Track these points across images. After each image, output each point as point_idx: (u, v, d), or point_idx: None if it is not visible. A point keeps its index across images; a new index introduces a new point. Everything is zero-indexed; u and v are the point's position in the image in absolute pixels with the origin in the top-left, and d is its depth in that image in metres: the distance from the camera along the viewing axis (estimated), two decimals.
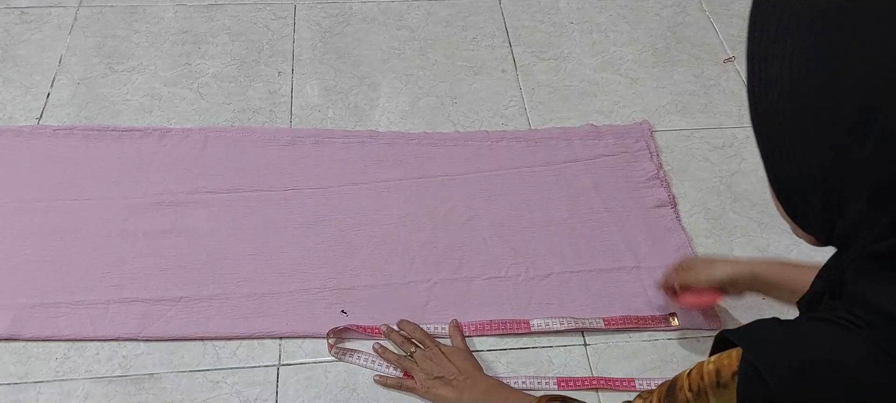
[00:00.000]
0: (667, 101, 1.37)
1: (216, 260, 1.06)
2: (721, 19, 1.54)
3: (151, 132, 1.21)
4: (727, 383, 0.45)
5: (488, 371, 0.95)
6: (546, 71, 1.40)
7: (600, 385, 0.97)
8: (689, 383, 0.49)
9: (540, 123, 1.30)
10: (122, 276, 1.03)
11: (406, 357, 0.95)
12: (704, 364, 0.48)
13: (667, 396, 0.51)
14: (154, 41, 1.40)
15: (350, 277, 1.06)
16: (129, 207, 1.11)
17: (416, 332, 0.97)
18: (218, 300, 1.02)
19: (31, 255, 1.05)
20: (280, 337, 1.00)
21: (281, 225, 1.11)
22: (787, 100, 0.43)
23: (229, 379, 0.95)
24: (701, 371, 0.48)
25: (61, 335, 0.97)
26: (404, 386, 0.93)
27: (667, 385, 0.52)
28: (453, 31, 1.47)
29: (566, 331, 1.00)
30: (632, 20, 1.53)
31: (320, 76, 1.36)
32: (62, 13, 1.43)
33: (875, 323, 0.42)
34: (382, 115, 1.30)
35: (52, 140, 1.19)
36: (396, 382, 0.94)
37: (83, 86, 1.30)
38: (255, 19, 1.46)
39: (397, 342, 0.97)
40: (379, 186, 1.17)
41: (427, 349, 0.95)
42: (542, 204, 1.17)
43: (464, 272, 1.07)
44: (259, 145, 1.21)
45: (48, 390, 0.93)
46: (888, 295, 0.42)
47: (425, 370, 0.92)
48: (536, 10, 1.53)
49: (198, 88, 1.32)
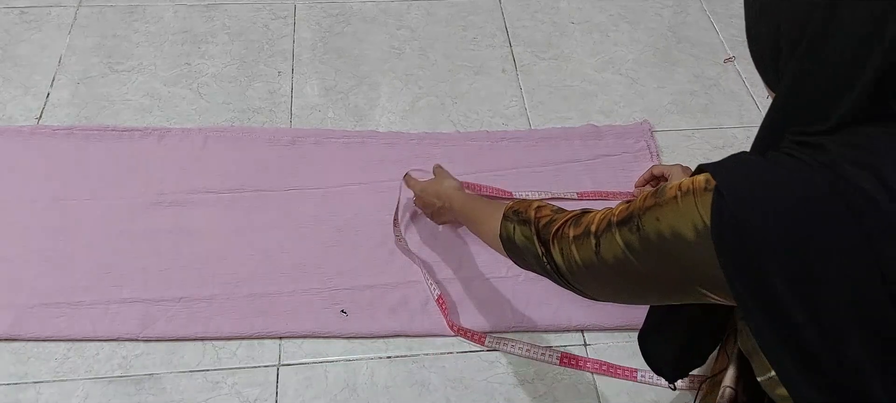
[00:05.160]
0: (667, 101, 1.36)
1: (216, 260, 1.06)
2: (721, 19, 1.54)
3: (151, 132, 1.21)
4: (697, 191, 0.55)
5: (489, 371, 0.95)
6: (546, 71, 1.40)
7: (604, 370, 0.98)
8: (680, 185, 0.57)
9: (540, 123, 1.30)
10: (122, 276, 1.03)
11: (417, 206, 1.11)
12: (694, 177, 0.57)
13: (655, 194, 0.59)
14: (154, 41, 1.40)
15: (350, 277, 1.05)
16: (129, 207, 1.11)
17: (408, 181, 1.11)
18: (218, 300, 1.02)
19: (31, 255, 1.05)
20: (280, 337, 1.00)
21: (281, 225, 1.11)
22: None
23: (229, 380, 0.95)
24: (691, 180, 0.56)
25: (61, 335, 0.97)
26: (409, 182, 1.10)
27: (657, 188, 0.60)
28: (453, 31, 1.47)
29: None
30: (632, 20, 1.53)
31: (320, 76, 1.35)
32: (62, 13, 1.43)
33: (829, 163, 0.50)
34: (382, 115, 1.29)
35: (52, 140, 1.19)
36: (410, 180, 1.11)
37: (83, 86, 1.30)
38: (255, 19, 1.45)
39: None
40: (379, 186, 1.16)
41: (417, 196, 1.09)
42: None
43: (464, 272, 1.07)
44: (259, 145, 1.21)
45: (48, 390, 0.93)
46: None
47: (427, 211, 1.09)
48: (536, 10, 1.53)
49: (198, 88, 1.32)
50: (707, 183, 0.54)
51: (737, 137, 1.31)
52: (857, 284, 0.46)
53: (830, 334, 0.48)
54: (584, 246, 0.64)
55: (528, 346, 1.00)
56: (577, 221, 0.67)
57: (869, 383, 0.48)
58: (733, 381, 0.69)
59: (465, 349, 1.00)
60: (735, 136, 1.31)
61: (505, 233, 0.77)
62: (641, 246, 0.59)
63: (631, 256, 0.60)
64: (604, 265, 0.62)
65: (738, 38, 1.50)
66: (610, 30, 1.50)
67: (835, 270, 0.47)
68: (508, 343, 1.00)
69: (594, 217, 0.65)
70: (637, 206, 0.60)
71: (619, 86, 1.39)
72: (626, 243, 0.60)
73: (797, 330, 0.49)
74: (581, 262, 0.65)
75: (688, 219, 0.54)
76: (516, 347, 1.00)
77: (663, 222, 0.56)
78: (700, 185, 0.54)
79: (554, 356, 0.99)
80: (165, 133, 1.21)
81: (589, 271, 0.65)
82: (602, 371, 0.99)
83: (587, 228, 0.64)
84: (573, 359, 0.99)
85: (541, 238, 0.71)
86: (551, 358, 0.99)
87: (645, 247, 0.58)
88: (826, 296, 0.47)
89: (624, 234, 0.60)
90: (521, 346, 1.00)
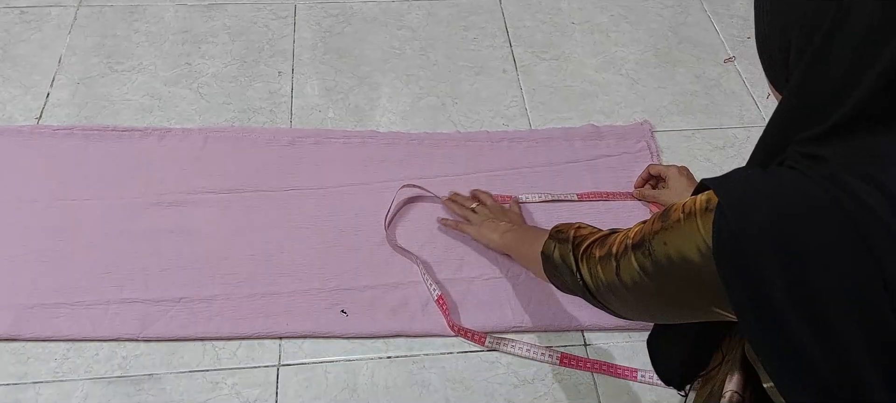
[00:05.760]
0: (668, 102, 1.36)
1: (216, 260, 1.06)
2: (722, 19, 1.54)
3: (151, 132, 1.21)
4: (699, 213, 0.54)
5: (489, 371, 0.95)
6: (547, 71, 1.40)
7: (604, 370, 0.98)
8: (683, 206, 0.56)
9: (541, 124, 1.30)
10: (122, 276, 1.03)
11: (468, 209, 1.11)
12: (696, 197, 0.57)
13: (661, 217, 0.59)
14: (154, 41, 1.40)
15: (350, 277, 1.05)
16: (129, 207, 1.11)
17: (482, 194, 1.14)
18: (218, 300, 1.02)
19: (31, 255, 1.05)
20: (280, 338, 1.00)
21: (281, 225, 1.11)
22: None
23: (229, 380, 0.95)
24: (693, 200, 0.56)
25: (61, 335, 0.97)
26: (460, 226, 1.10)
27: (664, 209, 0.60)
28: (454, 31, 1.47)
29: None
30: (633, 20, 1.53)
31: (320, 76, 1.35)
32: (62, 13, 1.43)
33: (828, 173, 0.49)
34: (383, 115, 1.29)
35: (52, 140, 1.19)
36: (453, 223, 1.11)
37: (83, 86, 1.30)
38: (255, 19, 1.45)
39: (461, 200, 1.13)
40: (379, 186, 1.16)
41: (489, 206, 1.11)
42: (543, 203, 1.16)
43: (464, 272, 1.07)
44: (259, 145, 1.21)
45: (48, 390, 0.93)
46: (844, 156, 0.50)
47: (483, 215, 1.09)
48: (537, 11, 1.53)
49: (198, 88, 1.31)
50: (708, 202, 0.54)
51: (737, 138, 1.31)
52: (860, 296, 0.46)
53: (833, 347, 0.48)
54: (607, 267, 0.65)
55: (528, 346, 1.00)
56: (603, 241, 0.68)
57: (871, 395, 0.47)
58: (740, 386, 0.68)
59: (466, 349, 1.00)
60: (736, 136, 1.31)
61: (546, 251, 0.79)
62: (654, 270, 0.59)
63: (647, 279, 0.60)
64: (624, 287, 0.63)
65: (738, 38, 1.50)
66: (611, 30, 1.50)
67: (836, 281, 0.47)
68: (508, 343, 1.00)
69: (617, 237, 0.66)
70: (647, 229, 0.61)
71: (619, 86, 1.39)
72: (641, 266, 0.60)
73: (799, 344, 0.49)
74: (606, 282, 0.66)
75: (692, 243, 0.54)
76: (516, 347, 1.00)
77: (671, 246, 0.57)
78: (701, 206, 0.54)
79: (554, 356, 0.99)
80: (165, 133, 1.21)
81: (612, 291, 0.66)
82: (602, 371, 0.99)
83: (610, 249, 0.66)
84: (573, 359, 0.99)
85: (575, 256, 0.72)
86: (551, 358, 0.99)
87: (657, 271, 0.59)
88: (828, 309, 0.47)
89: (638, 258, 0.61)
90: (521, 346, 1.00)
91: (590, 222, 0.80)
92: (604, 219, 1.14)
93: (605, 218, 1.15)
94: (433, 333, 1.01)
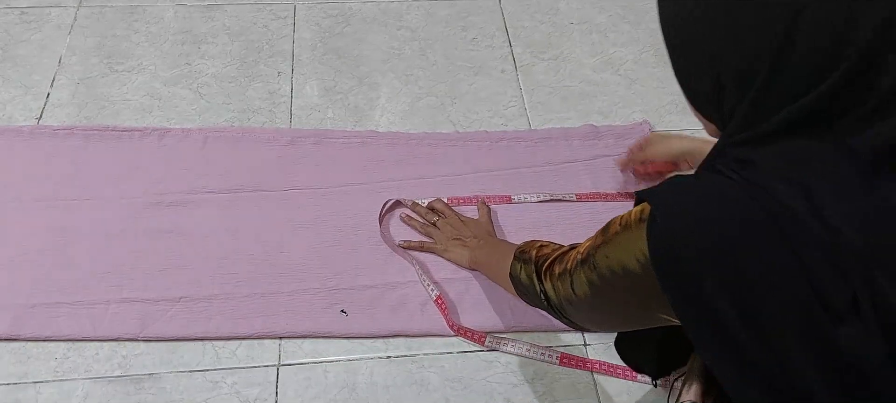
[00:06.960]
0: (667, 102, 1.37)
1: (216, 260, 1.06)
2: None
3: (151, 132, 1.21)
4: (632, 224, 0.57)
5: (488, 370, 0.95)
6: (546, 71, 1.40)
7: (604, 370, 0.99)
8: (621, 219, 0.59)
9: (540, 123, 1.30)
10: (122, 276, 1.03)
11: (429, 224, 1.11)
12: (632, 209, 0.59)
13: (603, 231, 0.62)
14: (154, 41, 1.40)
15: (350, 277, 1.06)
16: (129, 207, 1.11)
17: (439, 204, 1.12)
18: (218, 300, 1.02)
19: (30, 255, 1.05)
20: (280, 337, 1.00)
21: (281, 225, 1.11)
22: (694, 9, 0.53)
23: (229, 379, 0.95)
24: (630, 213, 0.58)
25: (61, 335, 0.97)
26: (425, 247, 1.09)
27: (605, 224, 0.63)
28: (453, 31, 1.47)
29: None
30: (632, 20, 1.53)
31: (320, 76, 1.36)
32: (62, 13, 1.43)
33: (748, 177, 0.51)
34: (382, 115, 1.30)
35: (52, 140, 1.19)
36: (418, 244, 1.09)
37: (83, 86, 1.30)
38: (255, 19, 1.46)
39: (421, 213, 1.12)
40: (379, 186, 1.17)
41: (448, 218, 1.10)
42: (542, 204, 1.17)
43: (464, 272, 1.07)
44: (259, 145, 1.21)
45: (48, 390, 0.93)
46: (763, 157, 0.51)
47: (445, 232, 1.09)
48: (536, 11, 1.53)
49: (197, 88, 1.32)
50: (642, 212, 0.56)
51: None
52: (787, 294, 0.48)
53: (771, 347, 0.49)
54: (564, 283, 0.68)
55: (528, 346, 1.00)
56: (562, 258, 0.71)
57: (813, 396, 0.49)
58: (698, 395, 0.70)
59: (465, 349, 1.00)
60: None
61: (513, 273, 0.83)
62: (601, 283, 0.62)
63: (596, 291, 0.63)
64: (580, 301, 0.66)
65: None
66: (609, 30, 1.50)
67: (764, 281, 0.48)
68: (508, 343, 1.00)
69: (572, 253, 0.68)
70: (591, 244, 0.64)
71: (618, 86, 1.39)
72: (589, 280, 0.63)
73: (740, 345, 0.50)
74: (565, 297, 0.69)
75: (631, 253, 0.56)
76: (516, 347, 1.00)
77: (612, 258, 0.59)
78: (636, 217, 0.57)
79: (554, 356, 0.99)
80: (165, 133, 1.21)
81: (571, 305, 0.68)
82: (602, 371, 0.99)
83: (566, 266, 0.68)
84: (573, 359, 0.99)
85: (538, 275, 0.75)
86: (551, 358, 0.99)
87: (603, 284, 0.61)
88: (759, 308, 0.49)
89: (586, 272, 0.64)
90: (521, 346, 1.00)
91: (588, 222, 0.81)
92: (603, 219, 1.12)
93: (604, 218, 1.13)
94: (433, 333, 1.01)
